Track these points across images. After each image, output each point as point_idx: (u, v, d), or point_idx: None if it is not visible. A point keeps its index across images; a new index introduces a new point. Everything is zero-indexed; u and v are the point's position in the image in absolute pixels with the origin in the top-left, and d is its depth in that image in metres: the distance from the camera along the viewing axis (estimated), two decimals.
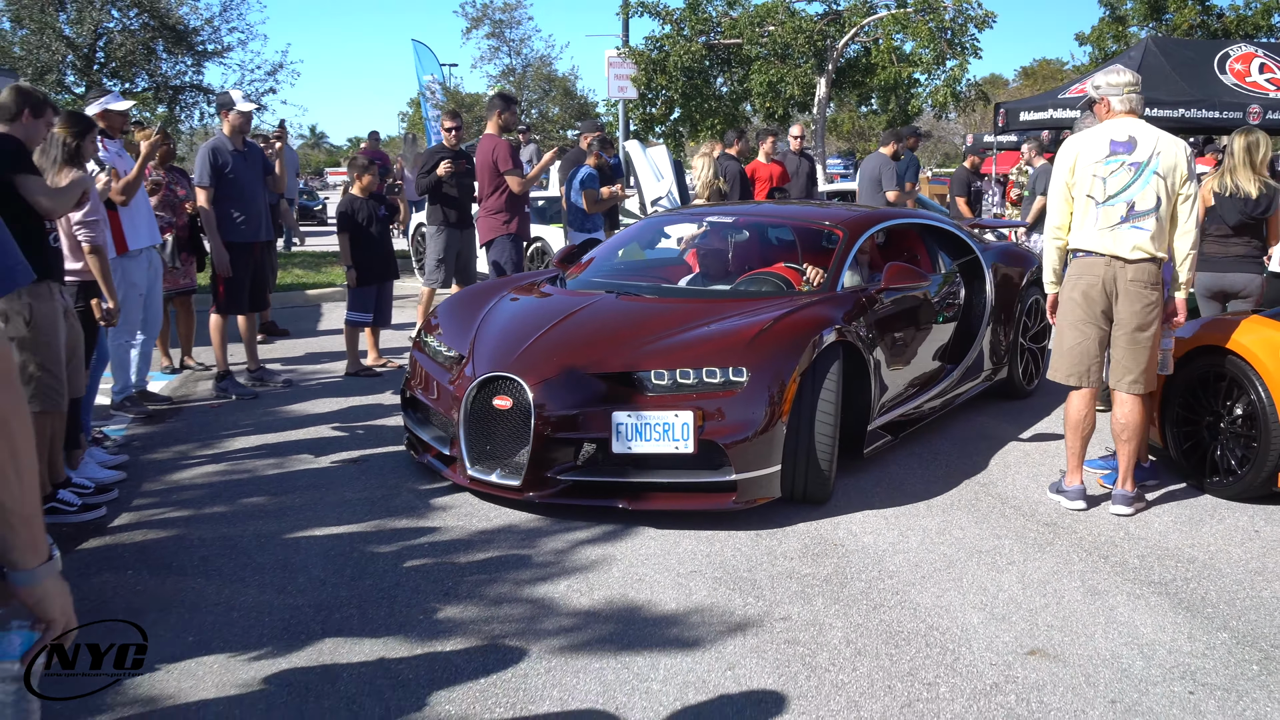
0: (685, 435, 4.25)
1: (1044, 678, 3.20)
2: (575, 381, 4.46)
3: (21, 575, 1.47)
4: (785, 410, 4.38)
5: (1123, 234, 4.52)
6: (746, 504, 4.38)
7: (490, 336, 4.95)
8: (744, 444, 4.29)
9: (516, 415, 4.48)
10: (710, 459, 4.33)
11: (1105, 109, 4.75)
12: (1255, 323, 4.87)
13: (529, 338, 4.78)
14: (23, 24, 14.13)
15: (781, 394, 4.37)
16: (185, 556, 4.12)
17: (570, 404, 4.41)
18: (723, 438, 4.27)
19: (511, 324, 5.06)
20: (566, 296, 5.47)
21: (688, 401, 4.31)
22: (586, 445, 4.42)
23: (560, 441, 4.42)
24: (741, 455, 4.30)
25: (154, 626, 3.43)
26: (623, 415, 4.30)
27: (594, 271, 6.11)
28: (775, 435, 4.37)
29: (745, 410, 4.32)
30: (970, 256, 6.47)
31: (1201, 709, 3.03)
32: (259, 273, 6.93)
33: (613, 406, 4.35)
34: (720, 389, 4.35)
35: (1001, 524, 4.57)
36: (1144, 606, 3.73)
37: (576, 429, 4.41)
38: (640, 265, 6.88)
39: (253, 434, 5.98)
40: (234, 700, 3.01)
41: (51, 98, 5.72)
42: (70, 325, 4.47)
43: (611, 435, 4.31)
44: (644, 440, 4.27)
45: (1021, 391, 6.84)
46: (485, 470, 4.55)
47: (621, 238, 7.08)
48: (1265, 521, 4.63)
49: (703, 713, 2.97)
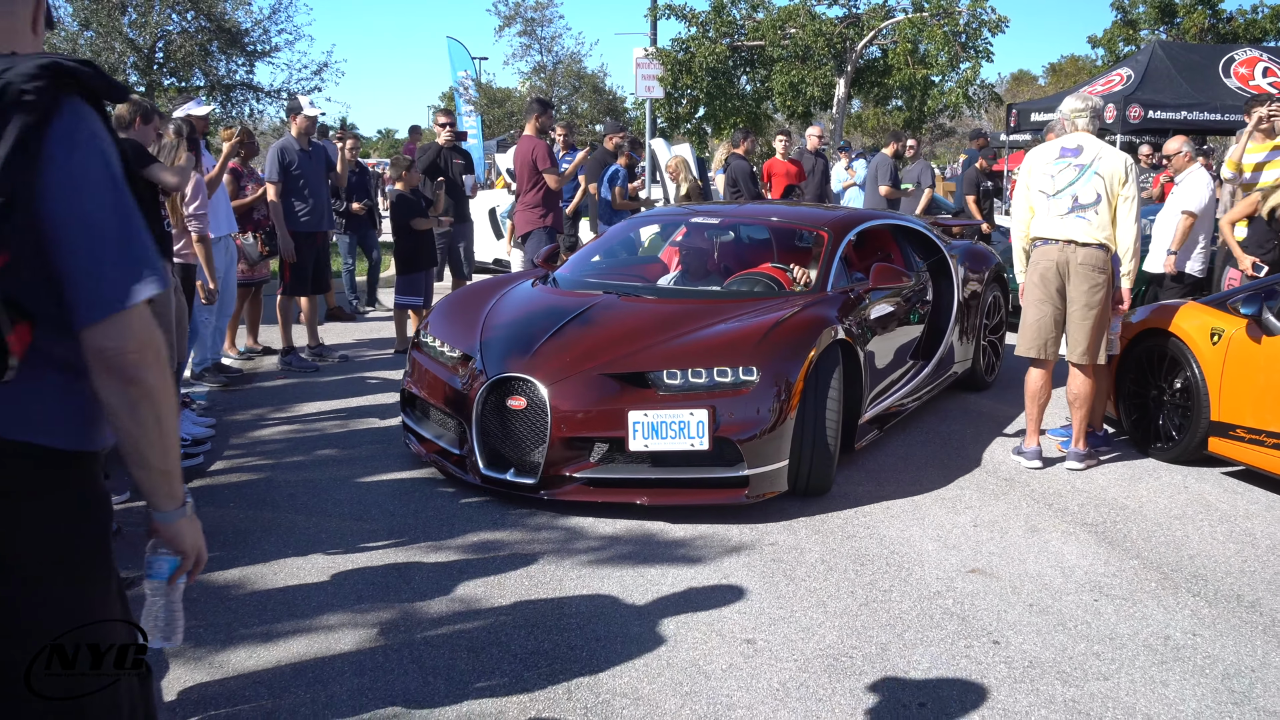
0: (701, 433, 4.42)
1: (978, 588, 3.96)
2: (590, 382, 4.59)
3: (161, 515, 1.72)
4: (793, 407, 4.61)
5: (1071, 222, 5.27)
6: (757, 498, 4.60)
7: (498, 337, 5.04)
8: (756, 440, 4.49)
9: (532, 415, 4.59)
10: (723, 455, 4.50)
11: (1071, 129, 5.49)
12: (1192, 308, 5.60)
13: (539, 338, 4.88)
14: (90, 27, 15.19)
15: (790, 391, 4.58)
16: (275, 494, 4.95)
17: (586, 404, 4.54)
18: (736, 434, 4.46)
19: (518, 325, 5.16)
20: (567, 297, 5.56)
21: (701, 400, 4.47)
22: (598, 444, 4.57)
23: (576, 440, 4.54)
24: (754, 451, 4.50)
25: (259, 544, 4.28)
26: (639, 414, 4.45)
27: (583, 270, 6.27)
28: (785, 431, 4.57)
29: (757, 408, 4.51)
30: (938, 256, 6.80)
31: (1101, 611, 3.78)
32: (321, 259, 7.77)
33: (628, 406, 4.49)
34: (732, 388, 4.53)
35: (965, 478, 5.33)
36: (1073, 540, 4.49)
37: (593, 428, 4.53)
38: (627, 264, 6.95)
39: (318, 401, 6.82)
40: (331, 587, 3.84)
41: (158, 106, 6.54)
42: (178, 300, 5.31)
43: (628, 433, 4.45)
44: (660, 438, 4.43)
45: (982, 383, 7.26)
46: (499, 469, 4.67)
47: (605, 238, 7.19)
48: (1196, 480, 5.35)
49: (701, 604, 3.75)
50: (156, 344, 1.60)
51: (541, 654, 3.37)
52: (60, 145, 1.51)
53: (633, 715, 3.02)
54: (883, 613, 3.73)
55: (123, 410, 1.59)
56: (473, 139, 21.05)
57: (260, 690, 3.12)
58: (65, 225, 1.52)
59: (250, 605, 3.71)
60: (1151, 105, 14.60)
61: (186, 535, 1.75)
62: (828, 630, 3.57)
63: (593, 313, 5.16)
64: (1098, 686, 3.23)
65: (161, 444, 1.65)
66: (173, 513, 1.72)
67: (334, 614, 3.64)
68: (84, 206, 1.53)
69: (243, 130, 7.09)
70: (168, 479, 1.68)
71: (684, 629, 3.56)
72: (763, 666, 3.31)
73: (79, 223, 1.52)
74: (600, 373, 4.62)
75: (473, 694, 3.11)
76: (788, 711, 3.05)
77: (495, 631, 3.52)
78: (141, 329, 1.57)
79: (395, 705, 3.04)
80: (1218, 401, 5.26)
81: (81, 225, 1.53)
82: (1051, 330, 5.45)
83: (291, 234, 7.49)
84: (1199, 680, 3.29)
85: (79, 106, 1.55)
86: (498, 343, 4.97)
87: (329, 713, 3.00)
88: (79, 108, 1.55)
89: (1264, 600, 3.91)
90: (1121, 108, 14.48)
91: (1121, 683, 3.26)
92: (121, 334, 1.55)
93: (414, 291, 8.37)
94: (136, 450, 1.63)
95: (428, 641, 3.45)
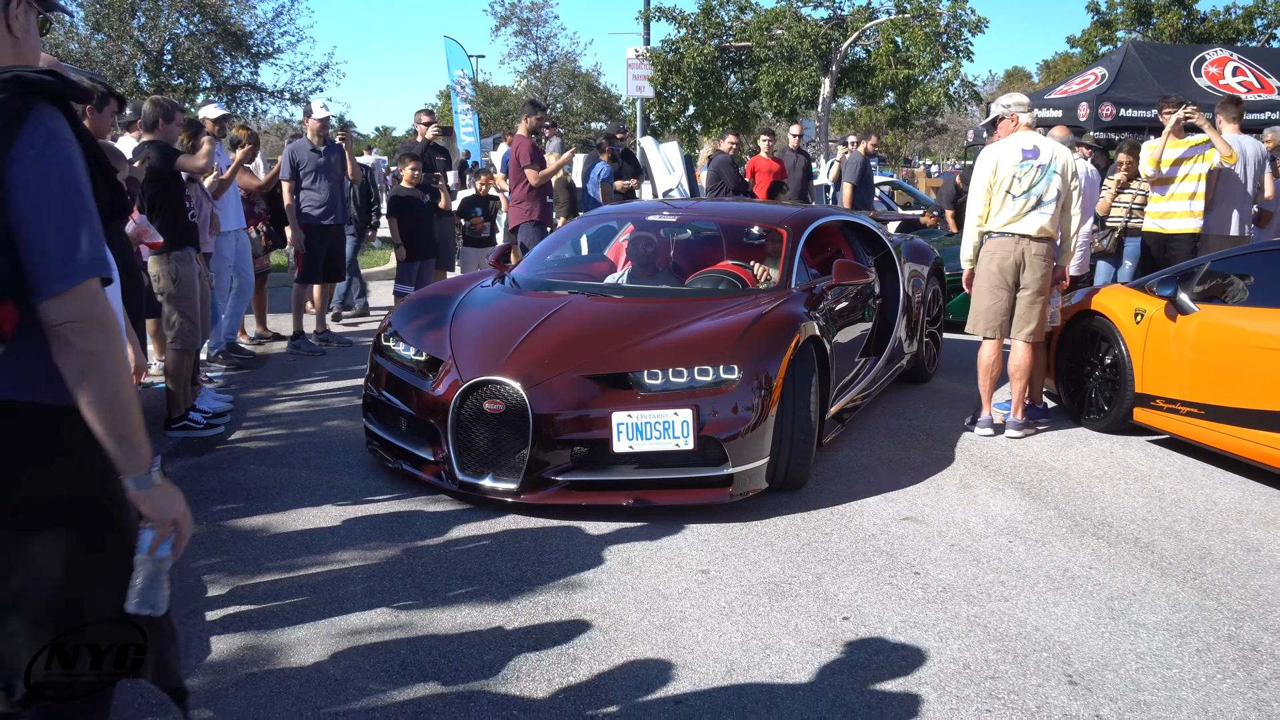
0: (685, 432, 4.43)
1: (909, 532, 4.53)
2: (570, 384, 4.56)
3: (131, 482, 1.81)
4: (774, 403, 4.65)
5: (1032, 218, 5.84)
6: (740, 496, 4.62)
7: (470, 340, 4.96)
8: (739, 438, 4.52)
9: (511, 419, 4.52)
10: (706, 454, 4.52)
11: (1013, 123, 6.07)
12: (1119, 291, 6.18)
13: (513, 341, 4.82)
14: (101, 30, 15.79)
15: (771, 388, 4.62)
16: (291, 456, 5.51)
17: (567, 406, 4.51)
18: (720, 433, 4.48)
19: (489, 327, 5.10)
20: (535, 298, 5.49)
21: (684, 400, 4.48)
22: (578, 446, 4.54)
23: (557, 443, 4.50)
24: (737, 449, 4.53)
25: (278, 496, 4.84)
26: (623, 415, 4.43)
27: (540, 270, 6.24)
28: (766, 429, 4.61)
29: (740, 406, 4.53)
30: (884, 251, 6.95)
31: (1013, 550, 4.35)
32: (334, 249, 8.36)
33: (611, 407, 4.48)
34: (714, 387, 4.54)
35: (914, 446, 5.90)
36: (1000, 495, 5.05)
37: (576, 430, 4.50)
38: (583, 262, 6.95)
39: (325, 380, 7.39)
40: (342, 530, 4.40)
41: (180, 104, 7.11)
42: (203, 285, 5.87)
43: (612, 435, 4.43)
44: (645, 439, 4.43)
45: (925, 375, 7.45)
46: (475, 475, 4.61)
47: (559, 235, 7.15)
48: (1122, 447, 5.92)
49: (665, 543, 4.32)
50: (101, 319, 1.74)
51: (524, 580, 3.94)
52: (23, 145, 1.71)
53: (600, 626, 3.58)
54: (821, 550, 4.29)
55: (73, 378, 1.74)
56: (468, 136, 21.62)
57: (285, 604, 3.69)
58: (22, 215, 1.71)
59: (273, 545, 4.28)
60: (1124, 104, 15.13)
61: (160, 502, 1.83)
62: (771, 564, 4.13)
63: (564, 313, 5.12)
64: (998, 606, 3.79)
65: (113, 411, 1.76)
66: (141, 479, 1.82)
67: (345, 551, 4.21)
68: (37, 198, 1.72)
69: (253, 138, 7.65)
70: (126, 445, 1.78)
71: (648, 562, 4.12)
72: (713, 591, 3.87)
73: (33, 212, 1.72)
74: (580, 374, 4.59)
75: (465, 609, 3.68)
76: (731, 624, 3.61)
77: (485, 563, 4.09)
78: (86, 305, 1.73)
79: (400, 614, 3.61)
80: (1141, 375, 5.83)
81: (35, 214, 1.72)
82: (1004, 314, 6.02)
83: (304, 226, 8.07)
84: (1086, 601, 3.85)
85: (44, 111, 1.75)
86: (470, 345, 4.90)
87: (345, 610, 3.57)
88: (44, 112, 1.75)
89: (1158, 542, 4.48)
90: (1094, 106, 15.03)
91: (1019, 604, 3.82)
92: (67, 308, 1.72)
93: (409, 281, 8.93)
94: (93, 416, 1.76)
95: (426, 569, 4.02)
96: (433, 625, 3.56)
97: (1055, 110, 15.78)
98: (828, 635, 3.53)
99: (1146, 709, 3.10)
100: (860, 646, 3.46)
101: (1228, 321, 5.36)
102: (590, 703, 3.09)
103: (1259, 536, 4.56)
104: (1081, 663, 3.37)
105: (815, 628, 3.59)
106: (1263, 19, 21.24)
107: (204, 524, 4.47)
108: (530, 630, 3.55)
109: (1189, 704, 3.13)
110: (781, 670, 3.29)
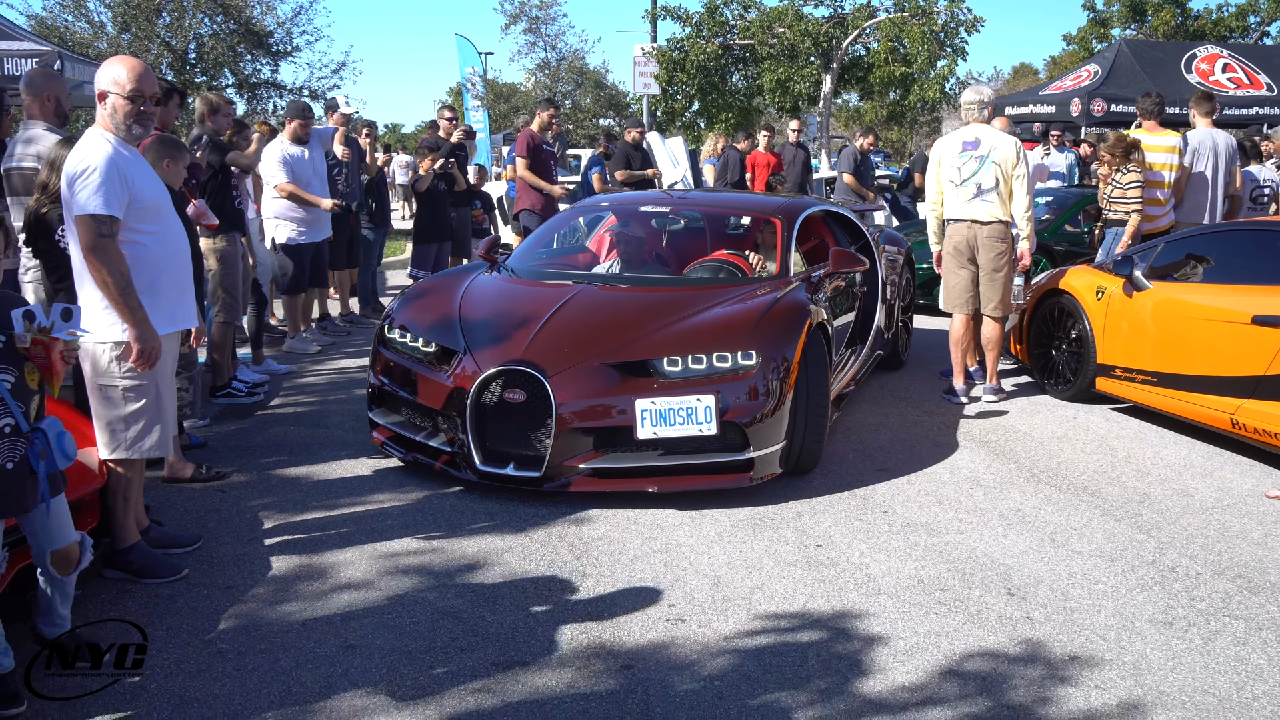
0: (709, 418, 4.49)
1: (883, 481, 5.08)
2: (591, 372, 4.59)
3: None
4: (790, 388, 4.75)
5: (976, 205, 6.36)
6: (760, 480, 4.69)
7: (484, 330, 4.95)
8: (759, 423, 4.59)
9: (532, 407, 4.55)
10: (727, 439, 4.59)
11: (969, 120, 6.57)
12: (1083, 271, 6.71)
13: (530, 330, 4.83)
14: (129, 30, 16.43)
15: (787, 374, 4.71)
16: (325, 419, 6.08)
17: (589, 393, 4.55)
18: (741, 418, 4.54)
19: (502, 317, 5.09)
20: (542, 288, 5.50)
21: (705, 385, 4.55)
22: (600, 433, 4.57)
23: (579, 431, 4.54)
24: (758, 434, 4.60)
25: (318, 451, 5.41)
26: (646, 402, 4.48)
27: (536, 259, 6.30)
28: (784, 413, 4.70)
29: (759, 391, 4.60)
30: (863, 240, 7.11)
31: (973, 495, 4.89)
32: (354, 235, 8.92)
33: (632, 394, 4.52)
34: (732, 373, 4.60)
35: (893, 410, 6.44)
36: (967, 453, 5.59)
37: (598, 418, 4.55)
38: (576, 252, 6.97)
39: (351, 358, 7.95)
40: (377, 479, 4.97)
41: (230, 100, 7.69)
42: (245, 266, 6.43)
43: (636, 421, 4.48)
44: (669, 425, 4.48)
45: (899, 362, 7.65)
46: (497, 464, 4.64)
47: (550, 225, 7.16)
48: (1085, 413, 6.45)
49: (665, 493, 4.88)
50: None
51: (539, 516, 4.50)
52: None
53: (604, 550, 4.14)
54: (803, 492, 4.85)
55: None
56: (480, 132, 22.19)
57: (332, 533, 4.26)
58: None
59: (316, 489, 4.85)
60: (1114, 99, 15.62)
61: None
62: (758, 503, 4.69)
63: (577, 302, 5.14)
64: (954, 537, 4.34)
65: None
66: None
67: (381, 493, 4.78)
68: None
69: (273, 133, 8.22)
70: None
71: (649, 502, 4.67)
72: (705, 524, 4.43)
73: None
74: (600, 362, 4.63)
75: (488, 539, 4.25)
76: (719, 549, 4.16)
77: (504, 503, 4.65)
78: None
79: (431, 541, 4.18)
80: (1102, 347, 6.36)
81: None
82: (970, 289, 6.54)
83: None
84: (1032, 535, 4.39)
85: None
86: (484, 335, 4.89)
87: (383, 538, 4.14)
88: None
89: (1104, 489, 5.02)
90: (1086, 101, 15.53)
91: (972, 536, 4.37)
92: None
93: (425, 265, 9.49)
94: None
95: (453, 508, 4.59)
96: (460, 549, 4.13)
97: (1049, 106, 16.30)
98: (802, 558, 4.09)
99: (1071, 613, 3.64)
100: (829, 565, 4.02)
101: (1177, 296, 5.88)
102: (596, 606, 3.65)
103: (1195, 485, 5.10)
104: (1020, 580, 3.92)
105: (792, 552, 4.14)
106: (1256, 16, 21.73)
107: (253, 473, 5.05)
108: (544, 552, 4.11)
109: (1107, 610, 3.68)
110: (760, 583, 3.85)
